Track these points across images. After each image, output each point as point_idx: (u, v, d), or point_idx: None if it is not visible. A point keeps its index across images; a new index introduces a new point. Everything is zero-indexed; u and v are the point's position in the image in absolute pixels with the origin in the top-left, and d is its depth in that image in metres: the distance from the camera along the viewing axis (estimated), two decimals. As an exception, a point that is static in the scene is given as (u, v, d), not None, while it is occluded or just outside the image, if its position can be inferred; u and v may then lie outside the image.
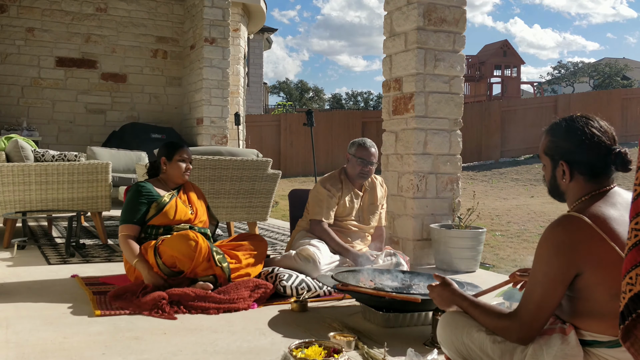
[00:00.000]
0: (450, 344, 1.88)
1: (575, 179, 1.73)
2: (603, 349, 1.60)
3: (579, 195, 1.73)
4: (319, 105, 56.75)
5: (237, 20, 12.42)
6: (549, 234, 1.65)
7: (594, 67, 44.41)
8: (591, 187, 1.71)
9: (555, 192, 1.82)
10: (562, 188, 1.78)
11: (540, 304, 1.65)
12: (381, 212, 3.93)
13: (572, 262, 1.59)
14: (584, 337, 1.63)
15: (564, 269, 1.60)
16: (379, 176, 4.02)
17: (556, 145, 1.75)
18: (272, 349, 2.42)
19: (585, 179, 1.71)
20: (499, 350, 1.75)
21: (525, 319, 1.67)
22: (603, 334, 1.60)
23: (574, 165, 1.72)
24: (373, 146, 3.77)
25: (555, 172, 1.77)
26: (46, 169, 4.89)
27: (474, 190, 9.59)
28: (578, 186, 1.73)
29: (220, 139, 9.20)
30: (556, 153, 1.75)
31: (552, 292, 1.63)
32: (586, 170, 1.71)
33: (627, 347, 1.30)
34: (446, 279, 2.00)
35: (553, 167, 1.78)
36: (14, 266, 4.08)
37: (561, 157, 1.74)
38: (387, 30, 4.89)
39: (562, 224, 1.64)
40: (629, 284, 1.27)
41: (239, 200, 5.13)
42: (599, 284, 1.58)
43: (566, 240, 1.60)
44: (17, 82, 9.41)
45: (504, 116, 17.74)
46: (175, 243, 3.16)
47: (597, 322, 1.61)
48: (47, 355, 2.28)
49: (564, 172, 1.74)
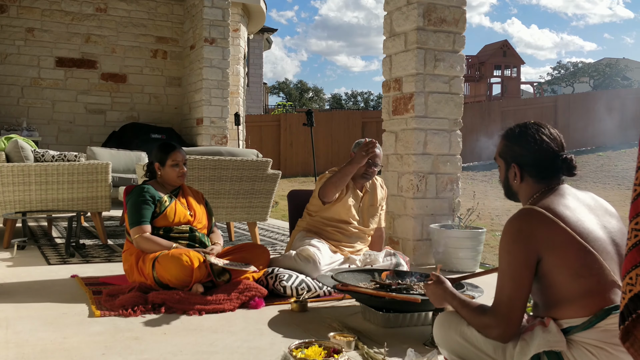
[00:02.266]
0: (445, 344, 1.92)
1: (525, 181, 1.87)
2: (579, 332, 1.66)
3: (530, 194, 1.86)
4: (319, 106, 56.74)
5: (237, 21, 12.42)
6: (508, 225, 1.76)
7: (593, 67, 44.41)
8: (540, 187, 1.84)
9: (509, 192, 1.95)
10: (514, 188, 1.92)
11: (511, 294, 1.72)
12: (381, 213, 3.91)
13: (531, 247, 1.69)
14: (561, 326, 1.69)
15: (526, 254, 1.69)
16: (379, 177, 4.01)
17: (509, 149, 1.89)
18: (272, 349, 2.43)
19: (535, 180, 1.85)
20: (492, 346, 1.79)
21: (500, 312, 1.73)
22: (574, 317, 1.67)
23: (524, 168, 1.86)
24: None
25: (507, 174, 1.91)
26: (46, 169, 4.89)
27: (474, 190, 9.59)
28: (528, 187, 1.87)
29: (220, 139, 9.20)
30: (509, 156, 1.89)
31: (520, 279, 1.71)
32: (535, 172, 1.85)
33: (626, 348, 1.30)
34: (440, 277, 2.05)
35: (506, 169, 1.92)
36: (14, 266, 4.08)
37: (513, 160, 1.88)
38: (387, 30, 4.89)
39: (517, 216, 1.76)
40: (629, 284, 1.27)
41: (238, 201, 5.13)
42: (558, 265, 1.67)
43: (522, 228, 1.72)
44: (17, 82, 9.41)
45: (504, 116, 17.75)
46: (170, 267, 3.12)
47: (567, 307, 1.68)
48: (47, 355, 2.28)
49: (515, 174, 1.87)
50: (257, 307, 3.07)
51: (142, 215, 3.33)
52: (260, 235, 6.02)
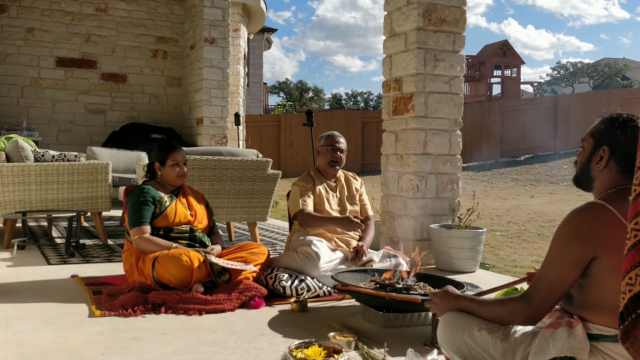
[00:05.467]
0: (451, 344, 1.88)
1: (608, 167, 1.74)
2: (607, 343, 1.60)
3: (607, 185, 1.74)
4: (319, 106, 56.74)
5: (237, 21, 12.42)
6: (571, 217, 1.66)
7: (593, 68, 44.42)
8: (620, 181, 1.72)
9: (584, 176, 1.82)
10: (593, 173, 1.78)
11: (551, 284, 1.66)
12: (364, 203, 3.98)
13: (591, 245, 1.61)
14: (590, 330, 1.64)
15: (582, 252, 1.62)
16: (349, 172, 4.08)
17: (608, 130, 1.76)
18: (272, 349, 2.43)
19: (619, 170, 1.73)
20: (501, 349, 1.75)
21: (535, 298, 1.68)
22: (609, 326, 1.61)
23: (615, 153, 1.73)
24: (340, 136, 3.95)
25: (592, 156, 1.78)
26: (46, 169, 4.89)
27: (474, 190, 9.59)
28: (609, 176, 1.74)
29: (220, 139, 9.20)
30: (604, 137, 1.76)
31: (566, 274, 1.64)
32: (623, 161, 1.72)
33: (626, 348, 1.31)
34: (449, 287, 2.00)
35: (593, 150, 1.78)
36: (14, 266, 4.08)
37: (607, 142, 1.75)
38: (387, 30, 4.89)
39: (584, 209, 1.66)
40: (629, 284, 1.27)
41: (239, 201, 5.13)
42: (613, 269, 1.58)
43: (587, 224, 1.62)
44: (17, 82, 9.41)
45: (504, 116, 17.74)
46: (170, 267, 3.12)
47: (604, 314, 1.62)
48: (47, 355, 2.28)
49: (601, 158, 1.75)
50: (257, 307, 3.07)
51: (142, 216, 3.33)
52: (260, 235, 6.02)
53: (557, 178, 14.26)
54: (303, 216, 3.70)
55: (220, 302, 3.01)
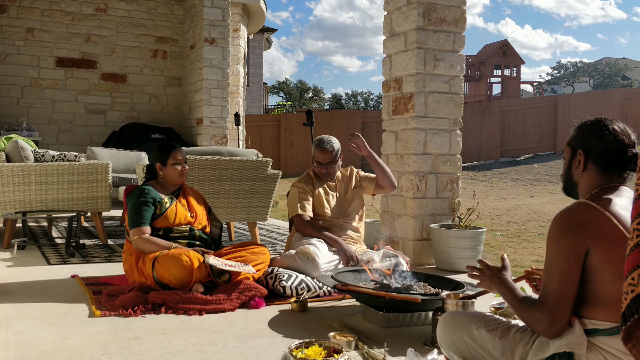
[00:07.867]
0: (450, 344, 1.88)
1: (588, 169, 1.79)
2: (602, 337, 1.61)
3: (590, 187, 1.78)
4: (319, 105, 56.73)
5: (237, 21, 12.42)
6: (558, 217, 1.70)
7: (593, 67, 44.43)
8: (602, 180, 1.77)
9: (569, 183, 1.87)
10: (575, 178, 1.84)
11: (559, 288, 1.66)
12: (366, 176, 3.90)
13: (582, 238, 1.64)
14: (586, 326, 1.65)
15: (575, 246, 1.64)
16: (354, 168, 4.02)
17: (580, 135, 1.83)
18: (272, 349, 2.42)
19: (598, 170, 1.77)
20: (500, 347, 1.76)
21: (547, 306, 1.67)
22: (604, 320, 1.62)
23: (590, 154, 1.78)
24: (329, 146, 3.73)
25: (571, 162, 1.84)
26: (46, 169, 4.88)
27: (474, 190, 9.59)
28: (590, 177, 1.79)
29: (220, 139, 9.19)
30: (577, 142, 1.82)
31: (569, 272, 1.65)
32: (600, 161, 1.77)
33: (628, 349, 1.30)
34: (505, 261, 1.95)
35: (571, 157, 1.85)
36: (14, 266, 4.08)
37: (580, 146, 1.81)
38: (387, 30, 4.89)
39: (570, 208, 1.71)
40: (631, 284, 1.27)
41: (239, 201, 5.13)
42: (604, 262, 1.61)
43: (573, 219, 1.67)
44: (17, 82, 9.40)
45: (504, 116, 17.73)
46: (170, 267, 3.12)
47: (598, 308, 1.64)
48: (47, 356, 2.28)
49: (579, 163, 1.80)
50: (257, 307, 3.07)
51: (142, 216, 3.32)
52: (260, 235, 6.02)
53: (557, 178, 14.26)
54: (299, 222, 3.72)
55: (221, 302, 3.01)
